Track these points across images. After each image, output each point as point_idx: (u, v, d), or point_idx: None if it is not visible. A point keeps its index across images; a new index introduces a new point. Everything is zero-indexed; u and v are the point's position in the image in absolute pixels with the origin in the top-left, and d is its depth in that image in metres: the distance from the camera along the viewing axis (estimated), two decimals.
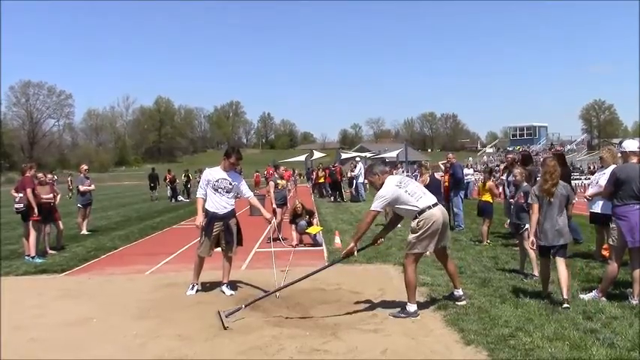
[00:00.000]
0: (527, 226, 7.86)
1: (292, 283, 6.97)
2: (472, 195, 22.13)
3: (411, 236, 6.42)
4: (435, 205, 6.41)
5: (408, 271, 6.42)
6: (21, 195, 10.92)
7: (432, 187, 11.19)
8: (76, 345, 5.64)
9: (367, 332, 5.78)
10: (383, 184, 6.60)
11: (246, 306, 6.52)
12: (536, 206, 6.76)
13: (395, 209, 6.67)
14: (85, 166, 16.35)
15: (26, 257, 10.85)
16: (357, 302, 7.01)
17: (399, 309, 6.44)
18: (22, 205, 10.92)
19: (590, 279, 7.78)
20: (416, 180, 14.17)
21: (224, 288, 7.72)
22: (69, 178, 40.13)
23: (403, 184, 6.52)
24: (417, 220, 6.37)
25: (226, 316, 6.15)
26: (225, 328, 5.93)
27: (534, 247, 7.04)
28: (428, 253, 6.57)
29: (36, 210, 10.85)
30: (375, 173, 6.81)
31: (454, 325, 5.82)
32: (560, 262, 6.68)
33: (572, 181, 12.91)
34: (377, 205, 6.52)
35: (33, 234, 10.89)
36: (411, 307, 6.32)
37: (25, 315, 6.85)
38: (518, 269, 8.39)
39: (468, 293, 6.97)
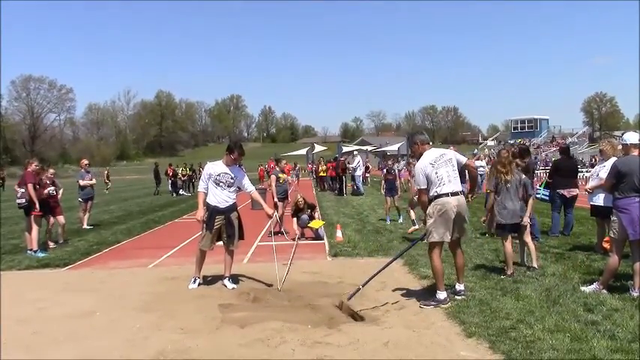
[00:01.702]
0: (525, 218, 8.08)
1: (379, 272, 7.01)
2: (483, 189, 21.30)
3: (427, 223, 6.56)
4: (454, 194, 6.44)
5: (433, 259, 6.52)
6: (23, 190, 10.95)
7: None
8: (79, 338, 5.66)
9: (369, 325, 5.81)
10: (421, 155, 6.66)
11: (363, 286, 6.63)
12: (492, 193, 8.08)
13: None
14: (85, 161, 16.36)
15: (28, 251, 10.88)
16: (359, 295, 7.02)
17: (428, 298, 6.51)
18: (23, 200, 10.94)
19: (591, 271, 7.80)
20: (397, 180, 14.13)
21: (226, 281, 7.74)
22: (106, 172, 40.43)
23: (437, 165, 6.49)
24: (432, 204, 6.49)
25: (348, 300, 6.36)
26: (359, 315, 6.05)
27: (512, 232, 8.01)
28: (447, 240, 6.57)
29: (37, 205, 10.87)
30: (415, 142, 6.85)
31: (455, 318, 5.84)
32: (527, 235, 8.04)
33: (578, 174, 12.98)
34: (417, 182, 6.62)
35: (35, 228, 10.90)
36: (441, 295, 6.41)
37: (28, 308, 6.87)
38: (518, 262, 8.41)
39: (469, 286, 7.00)
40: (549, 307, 6.07)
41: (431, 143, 6.90)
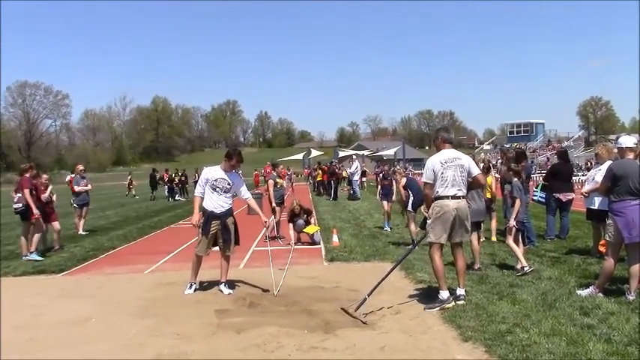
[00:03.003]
0: (511, 221, 8.33)
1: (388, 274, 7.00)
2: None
3: (427, 223, 6.69)
4: (454, 197, 6.49)
5: (433, 259, 6.57)
6: (20, 195, 10.96)
7: (413, 188, 11.39)
8: (75, 344, 5.65)
9: (365, 329, 5.80)
10: (439, 151, 6.74)
11: (368, 295, 6.56)
12: None
13: None
14: (80, 166, 16.30)
15: (24, 257, 10.86)
16: (355, 300, 7.01)
17: (432, 301, 6.54)
18: (20, 205, 10.96)
19: (587, 275, 7.81)
20: (393, 185, 14.05)
21: (222, 287, 7.73)
22: (129, 177, 39.71)
23: (446, 166, 6.52)
24: (432, 205, 6.58)
25: (356, 311, 6.29)
26: (365, 323, 6.00)
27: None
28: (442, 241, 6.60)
29: (34, 208, 10.88)
30: (437, 137, 6.97)
31: (452, 322, 5.84)
32: (474, 236, 8.36)
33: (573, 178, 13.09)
34: (424, 176, 6.71)
35: (36, 233, 10.96)
36: (443, 294, 6.46)
37: (24, 315, 6.85)
38: (512, 265, 8.46)
39: (467, 290, 6.99)
40: (545, 310, 6.07)
41: (453, 143, 6.92)
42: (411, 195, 11.28)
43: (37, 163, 13.33)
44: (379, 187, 15.21)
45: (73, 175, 30.05)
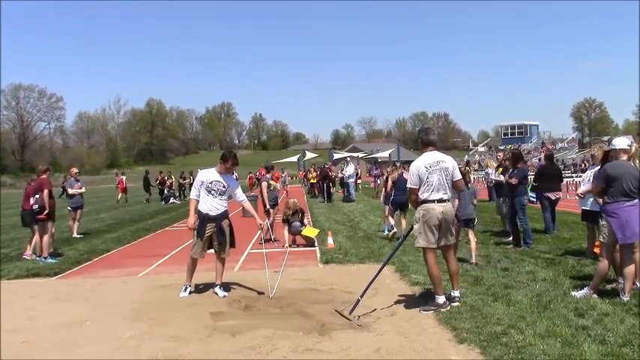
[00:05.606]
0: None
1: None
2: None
3: (414, 227, 6.63)
4: (440, 201, 6.46)
5: (429, 265, 6.56)
6: (37, 196, 10.97)
7: (399, 186, 12.04)
8: (69, 347, 5.62)
9: (360, 331, 5.80)
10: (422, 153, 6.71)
11: (361, 297, 6.55)
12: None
13: None
14: (75, 169, 16.24)
15: (43, 258, 10.91)
16: (350, 302, 7.01)
17: (428, 304, 6.54)
18: (37, 206, 10.96)
19: (581, 276, 7.83)
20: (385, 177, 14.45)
21: (217, 289, 7.72)
22: (162, 175, 37.43)
23: (431, 170, 6.45)
24: (418, 209, 6.56)
25: (350, 313, 6.28)
26: (359, 325, 5.99)
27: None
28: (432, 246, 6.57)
29: (48, 210, 11.03)
30: (417, 138, 6.97)
31: (447, 324, 5.84)
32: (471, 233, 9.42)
33: (564, 179, 14.06)
34: (409, 181, 6.68)
35: (45, 235, 11.02)
36: (440, 299, 6.44)
37: (17, 318, 6.82)
38: (507, 267, 8.48)
39: (461, 292, 7.01)
40: (540, 312, 6.09)
41: (435, 145, 6.71)
42: (393, 192, 12.29)
43: (30, 167, 13.23)
44: (383, 189, 15.12)
45: (123, 177, 30.34)
